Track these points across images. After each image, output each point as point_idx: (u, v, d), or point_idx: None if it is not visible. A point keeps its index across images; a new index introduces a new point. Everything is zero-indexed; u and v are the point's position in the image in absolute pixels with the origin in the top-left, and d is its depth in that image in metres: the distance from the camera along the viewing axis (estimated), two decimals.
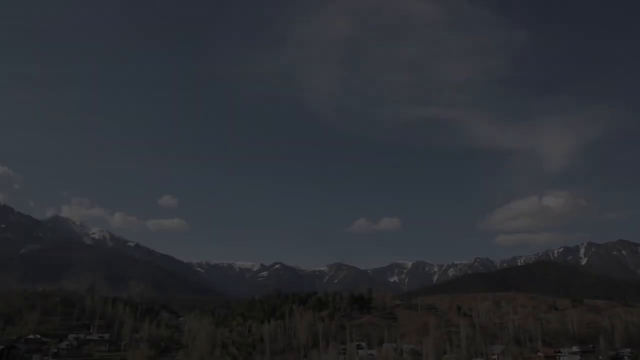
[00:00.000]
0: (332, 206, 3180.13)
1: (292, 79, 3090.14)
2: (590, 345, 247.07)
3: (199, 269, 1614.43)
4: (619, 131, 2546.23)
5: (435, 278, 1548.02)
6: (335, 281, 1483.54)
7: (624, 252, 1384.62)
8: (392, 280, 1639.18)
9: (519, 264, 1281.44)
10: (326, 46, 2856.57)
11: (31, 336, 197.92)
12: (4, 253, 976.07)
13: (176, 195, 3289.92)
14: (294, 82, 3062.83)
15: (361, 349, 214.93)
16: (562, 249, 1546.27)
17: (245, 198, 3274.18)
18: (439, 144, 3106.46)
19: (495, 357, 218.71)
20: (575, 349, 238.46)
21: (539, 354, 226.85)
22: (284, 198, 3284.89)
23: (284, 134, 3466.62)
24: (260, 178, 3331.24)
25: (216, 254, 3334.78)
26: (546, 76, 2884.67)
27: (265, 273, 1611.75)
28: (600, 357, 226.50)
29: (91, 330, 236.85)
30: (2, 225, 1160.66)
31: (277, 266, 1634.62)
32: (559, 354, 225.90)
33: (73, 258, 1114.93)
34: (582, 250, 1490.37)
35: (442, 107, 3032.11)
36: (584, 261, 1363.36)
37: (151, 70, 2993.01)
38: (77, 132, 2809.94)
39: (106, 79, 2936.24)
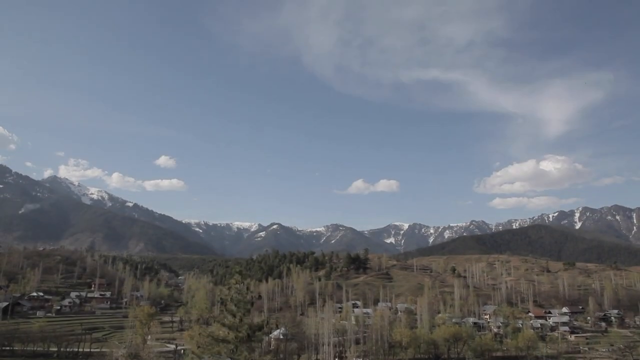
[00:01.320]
0: (329, 167, 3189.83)
1: (290, 39, 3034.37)
2: (580, 307, 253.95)
3: (197, 228, 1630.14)
4: (621, 97, 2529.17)
5: (431, 240, 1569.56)
6: (332, 242, 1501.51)
7: (618, 217, 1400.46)
8: (388, 241, 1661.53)
9: (514, 227, 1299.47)
10: (325, 5, 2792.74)
11: (34, 294, 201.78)
12: (4, 213, 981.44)
13: (174, 155, 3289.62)
14: (293, 42, 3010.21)
15: (357, 307, 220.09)
16: (557, 213, 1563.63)
17: (243, 159, 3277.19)
18: (438, 106, 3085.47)
19: (487, 316, 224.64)
20: (565, 310, 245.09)
21: (530, 314, 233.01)
22: (281, 159, 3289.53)
23: (282, 94, 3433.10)
24: (258, 139, 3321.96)
25: (214, 214, 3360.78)
26: (549, 39, 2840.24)
27: (262, 233, 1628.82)
28: (589, 317, 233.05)
29: (92, 288, 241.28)
30: (0, 186, 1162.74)
31: (274, 226, 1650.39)
32: (549, 315, 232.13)
33: (72, 218, 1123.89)
34: (577, 215, 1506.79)
35: (442, 69, 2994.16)
36: (578, 225, 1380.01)
37: (149, 30, 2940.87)
38: (73, 93, 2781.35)
39: (104, 39, 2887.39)
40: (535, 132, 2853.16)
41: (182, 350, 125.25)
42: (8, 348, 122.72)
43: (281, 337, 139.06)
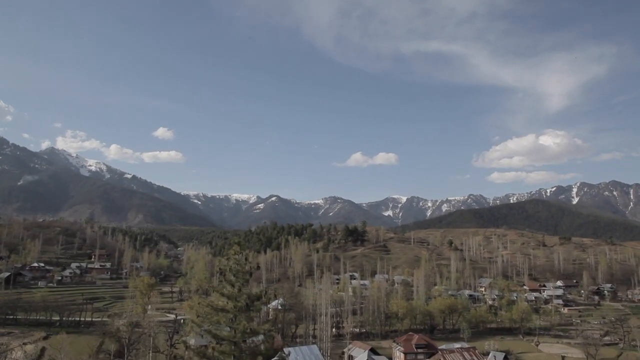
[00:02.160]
0: (328, 140, 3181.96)
1: (290, 9, 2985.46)
2: (574, 281, 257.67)
3: (195, 200, 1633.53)
4: (623, 71, 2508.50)
5: (428, 213, 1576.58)
6: (330, 214, 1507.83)
7: (615, 192, 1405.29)
8: (386, 214, 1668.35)
9: (511, 201, 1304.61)
10: None
11: (35, 264, 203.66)
12: (2, 185, 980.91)
13: (172, 127, 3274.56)
14: (292, 13, 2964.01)
15: (354, 279, 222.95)
16: (554, 188, 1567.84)
17: (241, 131, 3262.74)
18: (438, 79, 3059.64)
19: (483, 289, 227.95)
20: (559, 283, 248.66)
21: (525, 287, 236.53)
22: (280, 131, 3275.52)
23: (281, 66, 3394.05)
24: (257, 110, 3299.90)
25: (213, 186, 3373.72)
26: (552, 11, 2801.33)
27: (261, 205, 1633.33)
28: (582, 291, 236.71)
29: (92, 259, 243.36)
30: None
31: (273, 198, 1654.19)
32: (544, 288, 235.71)
33: (71, 189, 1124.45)
34: (575, 190, 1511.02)
35: (443, 41, 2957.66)
36: (575, 200, 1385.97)
37: (147, 3, 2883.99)
38: (70, 64, 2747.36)
39: (102, 12, 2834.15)
40: (535, 107, 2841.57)
41: (182, 320, 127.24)
42: (12, 317, 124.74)
43: (279, 307, 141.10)
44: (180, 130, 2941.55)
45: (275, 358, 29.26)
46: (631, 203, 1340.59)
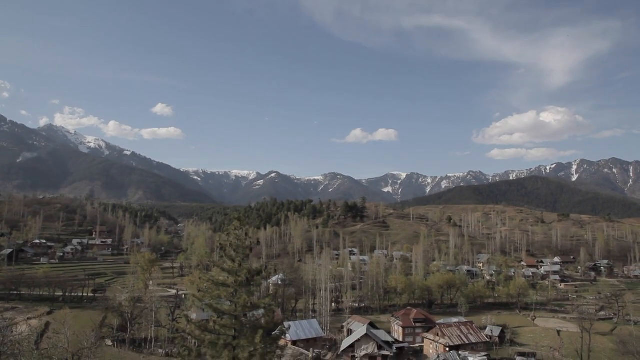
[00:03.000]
0: (328, 116, 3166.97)
1: None
2: (571, 257, 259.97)
3: (195, 177, 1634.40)
4: (628, 47, 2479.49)
5: (428, 189, 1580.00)
6: (330, 190, 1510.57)
7: (615, 169, 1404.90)
8: (385, 190, 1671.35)
9: (511, 178, 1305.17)
10: None
11: (37, 241, 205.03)
12: (1, 162, 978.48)
13: (170, 103, 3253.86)
14: None
15: (354, 255, 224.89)
16: (554, 165, 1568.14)
17: (240, 107, 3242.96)
18: (439, 54, 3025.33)
19: (481, 265, 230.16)
20: (556, 259, 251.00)
21: (522, 263, 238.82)
22: (279, 106, 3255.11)
23: (280, 40, 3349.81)
24: (256, 86, 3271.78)
25: (212, 162, 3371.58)
26: None
27: (261, 181, 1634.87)
28: (579, 267, 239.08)
29: (93, 236, 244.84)
30: None
31: (272, 175, 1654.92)
32: (541, 264, 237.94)
33: (70, 166, 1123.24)
34: (574, 167, 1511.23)
35: (445, 16, 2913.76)
36: (574, 177, 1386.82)
37: None
38: (66, 40, 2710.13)
39: None
40: (537, 83, 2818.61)
41: (183, 295, 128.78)
42: (15, 292, 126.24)
43: (279, 282, 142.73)
44: (179, 106, 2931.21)
45: (276, 332, 29.69)
46: (630, 180, 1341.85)
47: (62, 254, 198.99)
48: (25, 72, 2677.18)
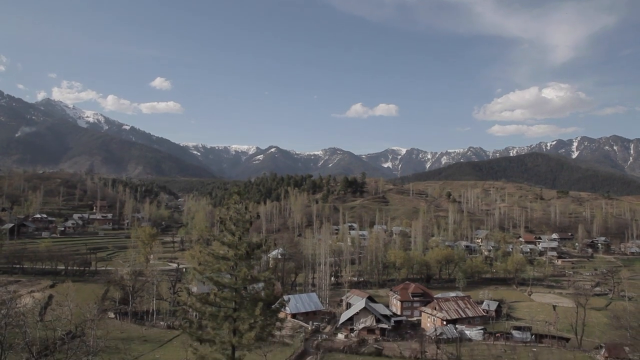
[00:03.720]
0: (328, 90, 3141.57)
1: None
2: (569, 234, 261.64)
3: (195, 151, 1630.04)
4: (634, 22, 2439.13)
5: (428, 165, 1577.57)
6: (330, 165, 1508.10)
7: (615, 147, 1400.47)
8: (385, 165, 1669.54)
9: (511, 154, 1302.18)
10: None
11: (38, 215, 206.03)
12: (0, 136, 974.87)
13: (169, 77, 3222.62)
14: None
15: (353, 229, 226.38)
16: (555, 142, 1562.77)
17: (240, 81, 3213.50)
18: (442, 28, 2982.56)
19: (479, 240, 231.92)
20: (554, 236, 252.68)
21: (520, 239, 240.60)
22: (279, 80, 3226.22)
23: (279, 14, 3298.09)
24: (255, 59, 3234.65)
25: (212, 137, 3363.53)
26: None
27: (260, 156, 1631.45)
28: (577, 244, 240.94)
29: (94, 210, 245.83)
30: None
31: (272, 149, 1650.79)
32: (539, 240, 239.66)
33: (69, 141, 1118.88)
34: (575, 144, 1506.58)
35: None
36: (575, 154, 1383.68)
37: None
38: (62, 12, 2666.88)
39: None
40: (540, 58, 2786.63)
41: (184, 269, 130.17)
42: (18, 266, 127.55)
43: (279, 256, 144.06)
44: (177, 80, 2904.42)
45: (276, 304, 30.16)
46: (631, 158, 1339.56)
47: (63, 229, 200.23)
48: (21, 45, 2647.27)
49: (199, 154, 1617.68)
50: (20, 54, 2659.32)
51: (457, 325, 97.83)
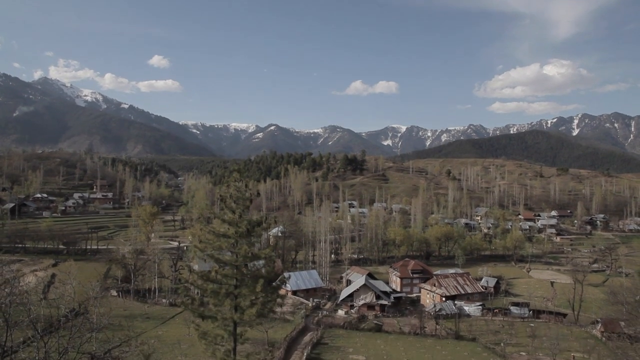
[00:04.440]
0: (328, 68, 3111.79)
1: None
2: (568, 211, 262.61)
3: (194, 130, 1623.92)
4: None
5: (428, 143, 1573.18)
6: (330, 143, 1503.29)
7: (616, 124, 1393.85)
8: (385, 143, 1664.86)
9: (511, 132, 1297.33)
10: None
11: (38, 195, 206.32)
12: None
13: (167, 55, 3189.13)
14: None
15: (353, 207, 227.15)
16: (555, 119, 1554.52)
17: (238, 59, 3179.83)
18: (442, 4, 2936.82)
19: (479, 218, 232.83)
20: (553, 213, 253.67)
21: (520, 216, 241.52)
22: (278, 58, 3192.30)
23: None
24: (254, 37, 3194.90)
25: (211, 115, 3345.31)
26: None
27: (260, 134, 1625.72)
28: (576, 221, 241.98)
29: (94, 190, 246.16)
30: None
31: (272, 127, 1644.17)
32: (538, 217, 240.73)
33: (68, 120, 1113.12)
34: (576, 122, 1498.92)
35: None
36: (575, 132, 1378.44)
37: None
38: None
39: None
40: (541, 35, 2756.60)
41: (185, 247, 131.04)
42: (20, 245, 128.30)
43: (280, 234, 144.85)
44: (175, 58, 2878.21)
45: (277, 281, 30.43)
46: (631, 135, 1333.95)
47: (64, 208, 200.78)
48: (17, 23, 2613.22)
49: (198, 132, 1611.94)
50: (15, 32, 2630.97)
51: (456, 302, 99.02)
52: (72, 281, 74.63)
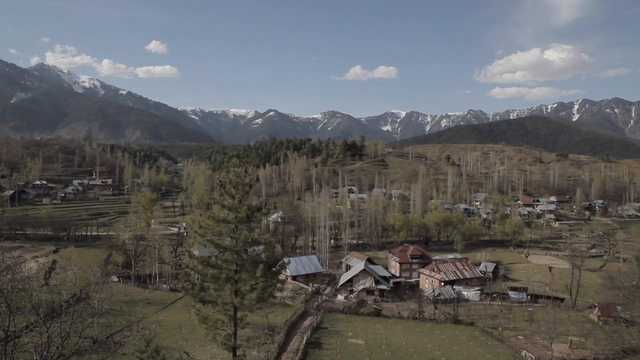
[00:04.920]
0: (327, 53, 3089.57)
1: None
2: (567, 196, 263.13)
3: (193, 116, 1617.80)
4: None
5: (427, 128, 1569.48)
6: (329, 129, 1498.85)
7: (616, 110, 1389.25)
8: (385, 129, 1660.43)
9: (511, 117, 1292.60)
10: None
11: (37, 182, 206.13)
12: None
13: (164, 41, 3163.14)
14: None
15: (352, 192, 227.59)
16: (556, 105, 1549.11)
17: (237, 43, 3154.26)
18: None
19: (478, 203, 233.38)
20: (552, 198, 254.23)
21: (519, 202, 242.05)
22: (277, 43, 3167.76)
23: None
24: (253, 22, 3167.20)
25: (210, 101, 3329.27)
26: None
27: (259, 120, 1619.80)
28: (575, 206, 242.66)
29: (94, 176, 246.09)
30: None
31: (271, 113, 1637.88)
32: (537, 203, 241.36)
33: (66, 107, 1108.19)
34: (576, 107, 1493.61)
35: None
36: (575, 117, 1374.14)
37: None
38: None
39: None
40: (543, 19, 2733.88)
41: (185, 233, 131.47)
42: (21, 232, 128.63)
43: (279, 220, 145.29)
44: (173, 43, 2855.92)
45: (276, 266, 30.63)
46: (632, 121, 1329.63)
47: (63, 195, 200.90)
48: (11, 8, 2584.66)
49: (197, 118, 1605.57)
50: (11, 17, 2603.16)
51: (454, 286, 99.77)
52: (73, 267, 75.06)
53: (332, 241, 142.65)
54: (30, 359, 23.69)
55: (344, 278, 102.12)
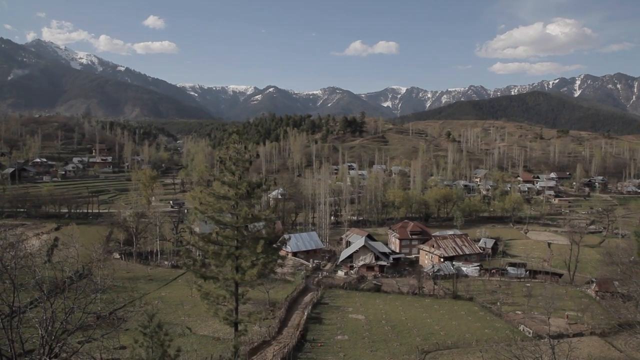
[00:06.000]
0: (326, 28, 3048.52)
1: None
2: (567, 173, 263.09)
3: (192, 92, 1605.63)
4: None
5: (428, 104, 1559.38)
6: (329, 105, 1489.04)
7: (619, 85, 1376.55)
8: (385, 105, 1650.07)
9: (512, 93, 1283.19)
10: None
11: (37, 160, 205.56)
12: None
13: (162, 15, 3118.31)
14: None
15: (352, 169, 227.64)
16: (557, 80, 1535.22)
17: (236, 18, 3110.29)
18: None
19: (478, 180, 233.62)
20: (552, 175, 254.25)
21: (519, 178, 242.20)
22: (276, 18, 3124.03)
23: None
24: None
25: (209, 77, 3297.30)
26: None
27: (259, 96, 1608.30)
28: (574, 183, 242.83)
29: (93, 154, 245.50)
30: None
31: (270, 89, 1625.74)
32: (537, 179, 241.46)
33: (64, 84, 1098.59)
34: (578, 82, 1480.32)
35: None
36: (577, 93, 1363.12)
37: None
38: None
39: None
40: None
41: (186, 210, 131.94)
42: (22, 210, 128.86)
43: (280, 196, 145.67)
44: (171, 19, 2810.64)
45: (277, 242, 30.81)
46: (634, 97, 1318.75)
47: (63, 172, 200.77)
48: None
49: (196, 94, 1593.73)
50: None
51: (454, 262, 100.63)
52: (75, 244, 75.51)
53: (332, 218, 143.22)
54: (35, 333, 24.05)
55: (344, 254, 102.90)
